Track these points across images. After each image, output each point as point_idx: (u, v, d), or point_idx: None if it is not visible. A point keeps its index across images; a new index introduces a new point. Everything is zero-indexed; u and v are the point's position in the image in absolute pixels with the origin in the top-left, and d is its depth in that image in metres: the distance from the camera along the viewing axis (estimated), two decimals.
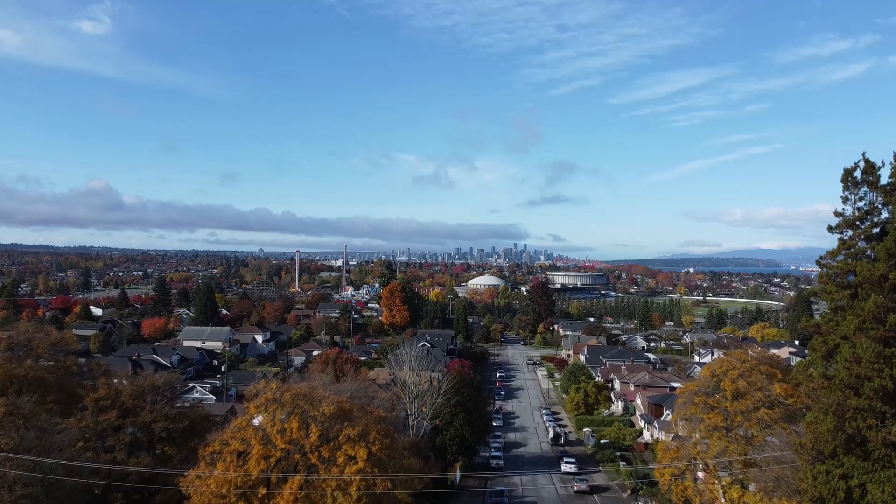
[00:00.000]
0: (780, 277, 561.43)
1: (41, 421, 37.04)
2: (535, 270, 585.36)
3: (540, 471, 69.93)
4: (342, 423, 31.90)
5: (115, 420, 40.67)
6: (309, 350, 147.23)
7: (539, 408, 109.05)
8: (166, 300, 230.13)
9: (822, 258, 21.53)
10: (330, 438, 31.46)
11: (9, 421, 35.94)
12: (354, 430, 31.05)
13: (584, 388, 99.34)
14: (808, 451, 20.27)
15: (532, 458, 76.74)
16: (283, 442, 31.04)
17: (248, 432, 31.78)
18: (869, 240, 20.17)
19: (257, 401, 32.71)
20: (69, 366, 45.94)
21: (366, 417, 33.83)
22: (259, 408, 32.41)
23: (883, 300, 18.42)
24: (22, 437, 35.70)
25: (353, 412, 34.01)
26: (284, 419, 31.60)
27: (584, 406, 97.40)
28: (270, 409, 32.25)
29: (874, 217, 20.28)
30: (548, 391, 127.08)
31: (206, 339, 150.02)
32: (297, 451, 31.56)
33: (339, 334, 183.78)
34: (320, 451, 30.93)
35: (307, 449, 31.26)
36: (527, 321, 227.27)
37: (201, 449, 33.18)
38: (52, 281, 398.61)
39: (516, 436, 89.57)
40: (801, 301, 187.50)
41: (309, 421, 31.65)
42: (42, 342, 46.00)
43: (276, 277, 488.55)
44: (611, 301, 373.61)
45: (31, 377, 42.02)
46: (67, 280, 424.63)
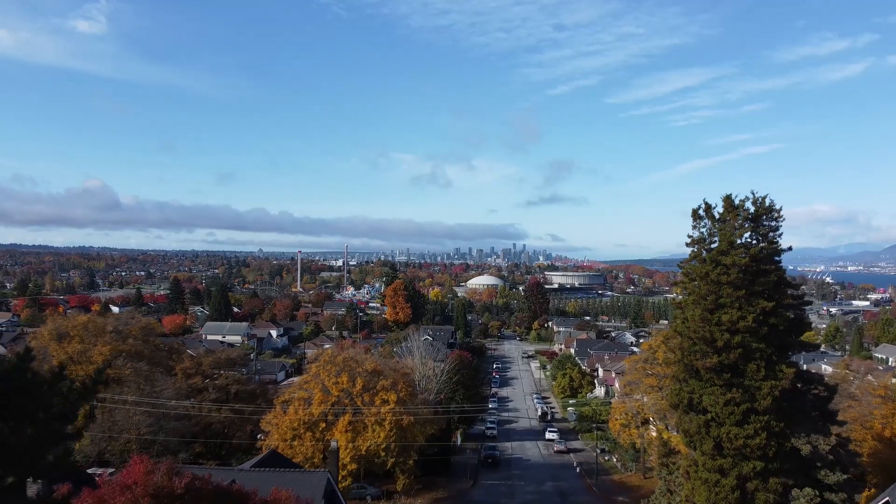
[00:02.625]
0: None
1: (153, 381, 50.17)
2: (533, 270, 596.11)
3: (528, 438, 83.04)
4: (378, 378, 44.96)
5: (199, 383, 53.73)
6: (320, 344, 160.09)
7: (531, 393, 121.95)
8: (180, 298, 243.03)
9: (681, 263, 34.46)
10: (369, 388, 44.44)
11: (132, 380, 48.94)
12: (388, 382, 44.12)
13: (570, 373, 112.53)
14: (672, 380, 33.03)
15: (522, 431, 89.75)
16: (337, 390, 44.03)
17: (311, 384, 44.83)
18: (708, 252, 33.26)
19: (317, 362, 45.77)
20: (157, 344, 59.02)
21: (394, 374, 46.94)
22: (319, 367, 45.45)
23: (706, 287, 31.44)
24: (142, 391, 48.77)
25: (385, 371, 47.04)
26: (338, 374, 44.63)
27: (570, 390, 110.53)
28: (327, 368, 45.30)
29: (710, 239, 33.34)
30: (539, 380, 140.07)
31: (227, 333, 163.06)
32: (346, 396, 44.53)
33: (346, 330, 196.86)
34: (363, 397, 43.92)
35: (354, 395, 44.26)
36: (523, 318, 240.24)
37: (275, 398, 46.28)
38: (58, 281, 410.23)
39: (509, 415, 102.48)
40: None
41: (355, 375, 44.65)
42: (135, 326, 59.05)
43: (278, 277, 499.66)
44: (607, 301, 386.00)
45: (132, 351, 55.08)
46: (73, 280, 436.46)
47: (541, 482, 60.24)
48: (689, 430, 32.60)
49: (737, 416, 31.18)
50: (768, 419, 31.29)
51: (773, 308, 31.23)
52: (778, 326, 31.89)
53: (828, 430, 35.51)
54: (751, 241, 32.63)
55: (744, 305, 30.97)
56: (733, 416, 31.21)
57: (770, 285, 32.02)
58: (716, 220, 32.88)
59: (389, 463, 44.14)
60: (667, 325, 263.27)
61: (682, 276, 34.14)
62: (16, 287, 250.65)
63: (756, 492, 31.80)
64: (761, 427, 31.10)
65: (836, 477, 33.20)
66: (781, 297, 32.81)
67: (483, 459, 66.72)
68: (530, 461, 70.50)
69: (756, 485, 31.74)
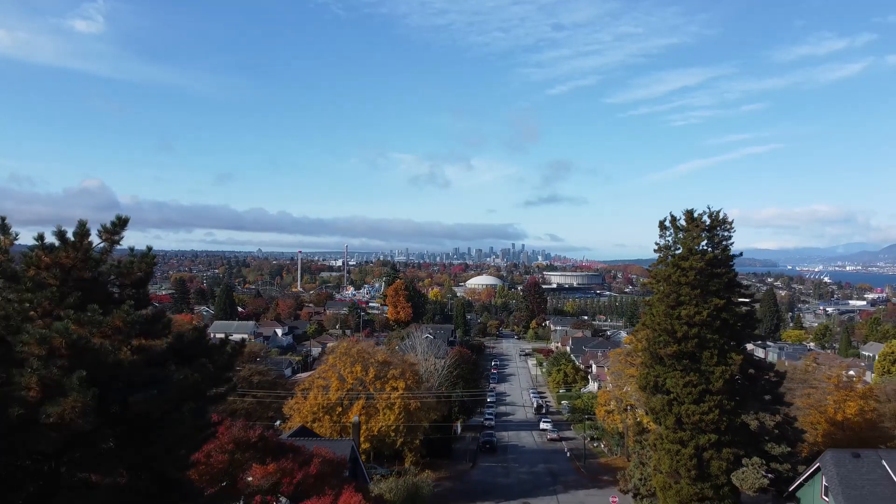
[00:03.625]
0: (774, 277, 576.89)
1: None
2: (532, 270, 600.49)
3: (523, 429, 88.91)
4: (388, 367, 50.78)
5: None
6: (324, 342, 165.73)
7: (527, 389, 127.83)
8: (185, 298, 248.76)
9: (649, 267, 40.38)
10: (380, 377, 50.25)
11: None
12: (397, 371, 49.97)
13: (564, 369, 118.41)
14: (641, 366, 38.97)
15: (518, 423, 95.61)
16: (352, 378, 49.85)
17: (329, 373, 50.65)
18: (672, 257, 39.13)
19: (334, 354, 51.58)
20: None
21: (402, 364, 52.79)
22: (335, 358, 51.29)
23: (668, 287, 37.28)
24: None
25: (394, 362, 52.89)
26: (352, 364, 50.48)
27: (564, 384, 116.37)
28: (343, 359, 51.12)
29: (674, 246, 39.21)
30: (536, 376, 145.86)
31: (234, 331, 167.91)
32: (360, 384, 50.35)
33: (348, 329, 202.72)
34: (375, 384, 49.73)
35: (367, 382, 50.08)
36: (521, 318, 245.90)
37: (296, 387, 52.04)
38: None
39: (506, 408, 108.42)
40: (768, 298, 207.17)
41: (368, 365, 50.48)
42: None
43: (278, 277, 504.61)
44: (604, 300, 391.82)
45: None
46: None
47: (534, 464, 66.12)
48: (655, 408, 38.47)
49: (694, 396, 37.04)
50: (721, 398, 37.15)
51: (724, 305, 37.13)
52: (729, 320, 37.77)
53: (777, 410, 41.41)
54: (707, 249, 38.55)
55: (700, 303, 36.83)
56: (691, 396, 37.07)
57: (722, 286, 37.91)
58: (678, 231, 38.75)
59: (399, 442, 49.99)
60: None
61: (650, 277, 40.02)
62: None
63: (711, 460, 37.65)
64: (715, 405, 36.96)
65: (780, 449, 39.09)
66: (732, 296, 38.70)
67: (481, 445, 72.57)
68: (525, 447, 76.33)
69: (711, 454, 37.59)
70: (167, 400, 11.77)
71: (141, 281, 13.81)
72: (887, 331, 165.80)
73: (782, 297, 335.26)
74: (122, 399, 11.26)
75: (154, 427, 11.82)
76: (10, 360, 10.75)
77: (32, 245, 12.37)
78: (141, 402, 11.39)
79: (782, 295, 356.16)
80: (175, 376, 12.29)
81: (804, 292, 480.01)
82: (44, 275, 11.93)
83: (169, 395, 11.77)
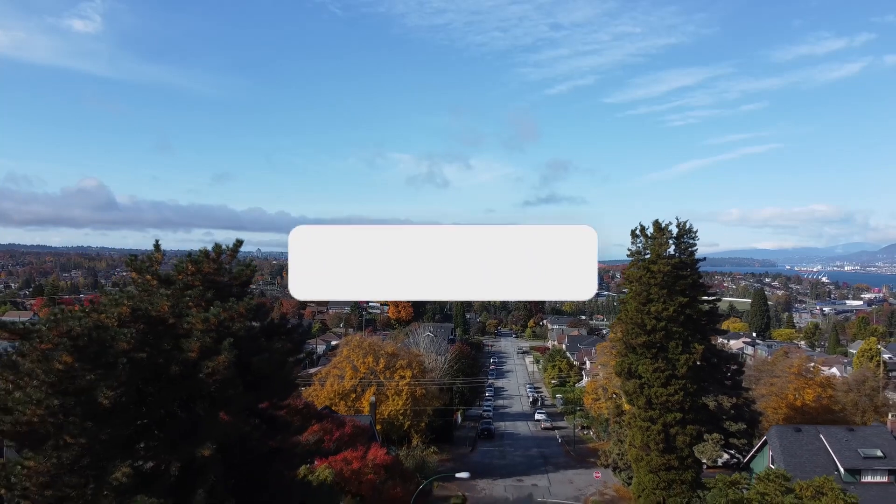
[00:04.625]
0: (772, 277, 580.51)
1: None
2: None
3: (519, 420, 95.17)
4: (396, 358, 57.06)
5: None
6: (328, 340, 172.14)
7: (524, 384, 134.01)
8: None
9: (624, 270, 46.70)
10: (390, 366, 56.51)
11: None
12: (404, 361, 56.29)
13: (559, 365, 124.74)
14: (617, 354, 45.50)
15: (515, 414, 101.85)
16: (364, 368, 56.11)
17: (343, 364, 56.93)
18: (643, 261, 45.42)
19: (348, 346, 57.85)
20: None
21: (409, 356, 59.11)
22: (349, 350, 57.57)
23: (639, 287, 43.56)
24: None
25: (401, 354, 59.20)
26: (364, 355, 56.74)
27: (559, 380, 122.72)
28: (356, 351, 57.39)
29: (644, 252, 45.55)
30: (533, 373, 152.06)
31: None
32: (371, 373, 56.61)
33: (351, 327, 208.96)
34: (385, 373, 56.00)
35: (377, 372, 56.35)
36: (519, 317, 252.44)
37: (314, 376, 58.23)
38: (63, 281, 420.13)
39: (504, 402, 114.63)
40: (757, 298, 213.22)
41: (378, 356, 56.77)
42: None
43: (279, 277, 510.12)
44: (602, 300, 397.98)
45: None
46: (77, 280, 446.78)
47: (527, 449, 72.47)
48: (629, 391, 44.74)
49: (662, 380, 43.26)
50: (685, 382, 43.39)
51: (688, 302, 43.38)
52: (693, 316, 44.04)
53: (738, 393, 47.77)
54: (674, 254, 44.82)
55: (667, 300, 43.05)
56: (659, 380, 43.30)
57: (687, 286, 44.15)
58: (648, 238, 45.00)
59: (406, 424, 56.24)
60: None
61: (624, 279, 46.29)
62: (20, 287, 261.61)
63: (677, 435, 43.88)
64: (680, 388, 43.20)
65: (737, 426, 45.41)
66: (697, 295, 44.97)
67: (480, 432, 78.85)
68: (520, 435, 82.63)
69: (676, 430, 43.83)
70: (274, 361, 17.85)
71: (247, 282, 19.87)
72: (875, 330, 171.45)
73: (779, 297, 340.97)
74: (246, 360, 17.33)
75: (264, 380, 17.90)
76: (177, 334, 16.87)
77: (180, 258, 18.45)
78: (257, 362, 17.49)
79: (779, 295, 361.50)
80: (277, 346, 18.41)
81: (801, 292, 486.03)
82: (189, 279, 17.99)
83: (275, 358, 17.85)
